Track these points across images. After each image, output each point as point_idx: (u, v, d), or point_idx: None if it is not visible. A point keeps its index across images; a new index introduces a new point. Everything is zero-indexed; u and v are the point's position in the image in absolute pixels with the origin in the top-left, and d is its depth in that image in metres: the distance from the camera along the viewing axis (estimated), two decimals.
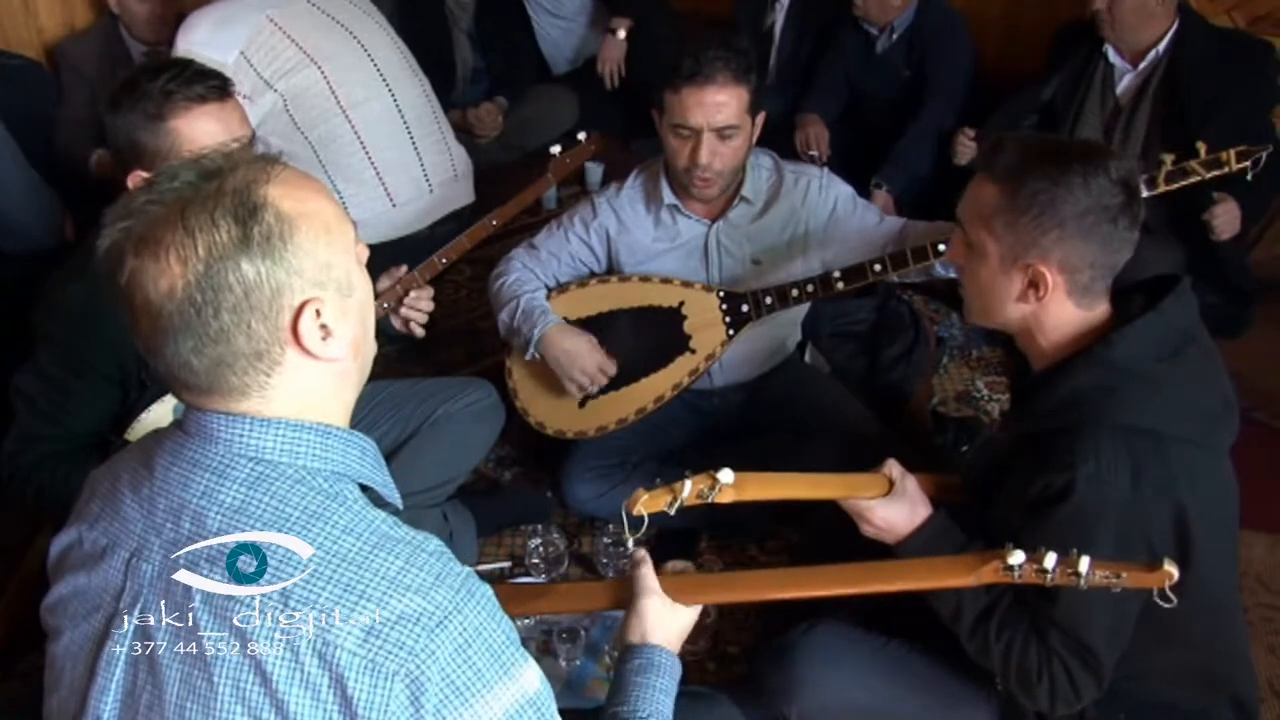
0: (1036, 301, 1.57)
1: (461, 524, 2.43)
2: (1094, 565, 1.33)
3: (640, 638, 1.45)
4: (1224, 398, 1.59)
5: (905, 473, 1.72)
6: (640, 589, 1.48)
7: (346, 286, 1.08)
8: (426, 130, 3.15)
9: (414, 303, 2.17)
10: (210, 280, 0.99)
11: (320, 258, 1.04)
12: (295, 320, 1.03)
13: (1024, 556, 1.36)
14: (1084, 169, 1.50)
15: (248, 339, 1.01)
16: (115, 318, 1.79)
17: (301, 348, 1.04)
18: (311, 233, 1.04)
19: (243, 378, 1.03)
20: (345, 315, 1.07)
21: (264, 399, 1.05)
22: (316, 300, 1.04)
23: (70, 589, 1.14)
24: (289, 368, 1.05)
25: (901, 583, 1.52)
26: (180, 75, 1.80)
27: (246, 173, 1.03)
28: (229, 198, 1.00)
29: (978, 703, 1.73)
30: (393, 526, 1.05)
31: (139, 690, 1.07)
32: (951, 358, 3.16)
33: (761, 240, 2.44)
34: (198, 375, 1.03)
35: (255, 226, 1.00)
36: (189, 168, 1.03)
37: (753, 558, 2.50)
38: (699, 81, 2.20)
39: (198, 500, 1.05)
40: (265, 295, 1.01)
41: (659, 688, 1.39)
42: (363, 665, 0.98)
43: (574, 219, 2.52)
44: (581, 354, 2.41)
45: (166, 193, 1.01)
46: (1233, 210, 2.77)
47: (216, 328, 1.00)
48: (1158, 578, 1.33)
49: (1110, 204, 1.51)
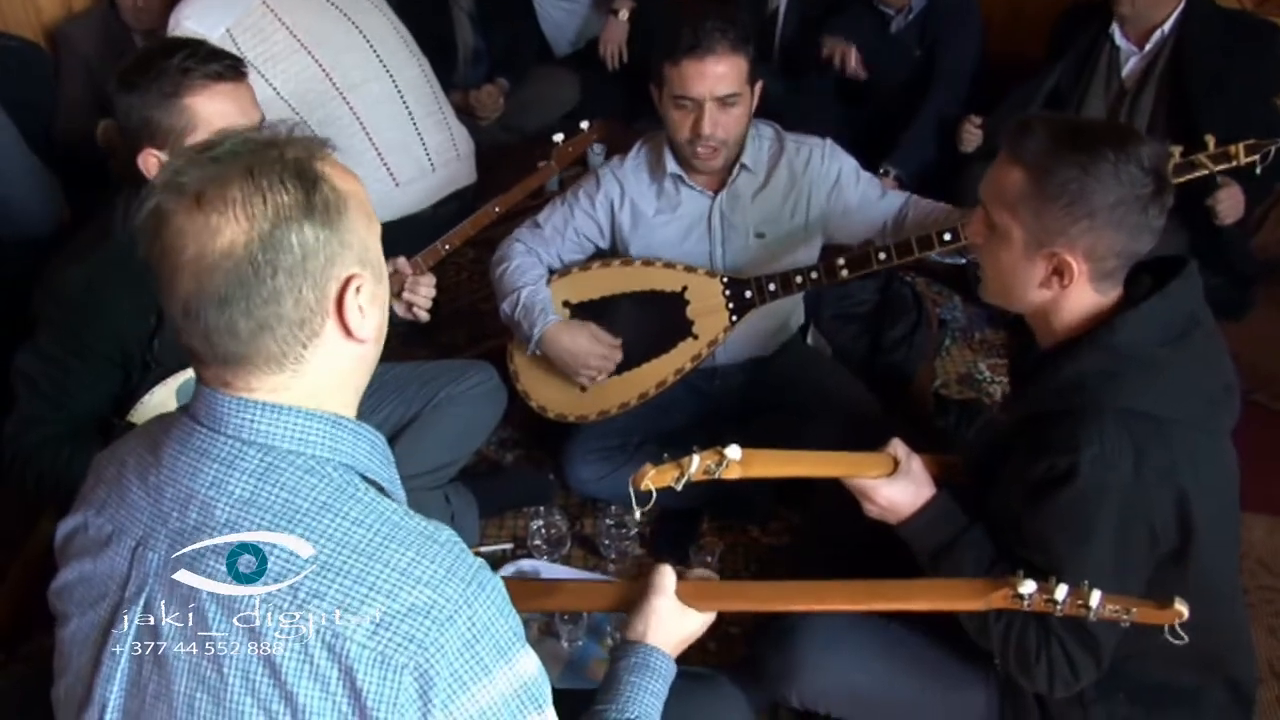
0: (1060, 289, 1.55)
1: (464, 506, 2.43)
2: (1104, 600, 1.33)
3: (640, 635, 1.45)
4: (1225, 381, 1.59)
5: (910, 453, 1.71)
6: (655, 587, 1.48)
7: (380, 271, 1.10)
8: (427, 110, 3.15)
9: (414, 288, 2.17)
10: (274, 239, 1.00)
11: (363, 237, 1.07)
12: (342, 292, 1.04)
13: (1035, 586, 1.37)
14: (1116, 156, 1.46)
15: (295, 304, 1.02)
16: (118, 299, 1.83)
17: (342, 322, 1.05)
18: (359, 212, 1.07)
19: (282, 345, 1.03)
20: (376, 299, 1.09)
21: (296, 373, 1.05)
22: (360, 277, 1.05)
23: (76, 574, 1.15)
24: (325, 341, 1.05)
25: (915, 603, 1.52)
26: (195, 54, 1.81)
27: (302, 147, 1.05)
28: (292, 165, 1.02)
29: (977, 685, 1.73)
30: (404, 516, 1.05)
31: (145, 679, 1.07)
32: (954, 340, 3.16)
33: (764, 211, 2.43)
34: (239, 340, 1.02)
35: (316, 195, 1.02)
36: (244, 135, 1.05)
37: (755, 539, 2.51)
38: (699, 53, 2.20)
39: (206, 490, 1.05)
40: (320, 262, 1.02)
41: (649, 690, 1.38)
42: (372, 658, 0.98)
43: (578, 193, 2.52)
44: (584, 351, 2.41)
45: (225, 155, 1.02)
46: (1236, 195, 2.76)
47: (271, 288, 1.00)
48: (1168, 615, 1.33)
49: (1142, 193, 1.47)
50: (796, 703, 1.82)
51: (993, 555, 1.62)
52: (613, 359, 2.44)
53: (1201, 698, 1.67)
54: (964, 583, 1.51)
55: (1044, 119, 1.55)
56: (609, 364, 2.43)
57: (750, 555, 2.47)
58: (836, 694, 1.79)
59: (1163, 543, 1.52)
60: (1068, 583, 1.34)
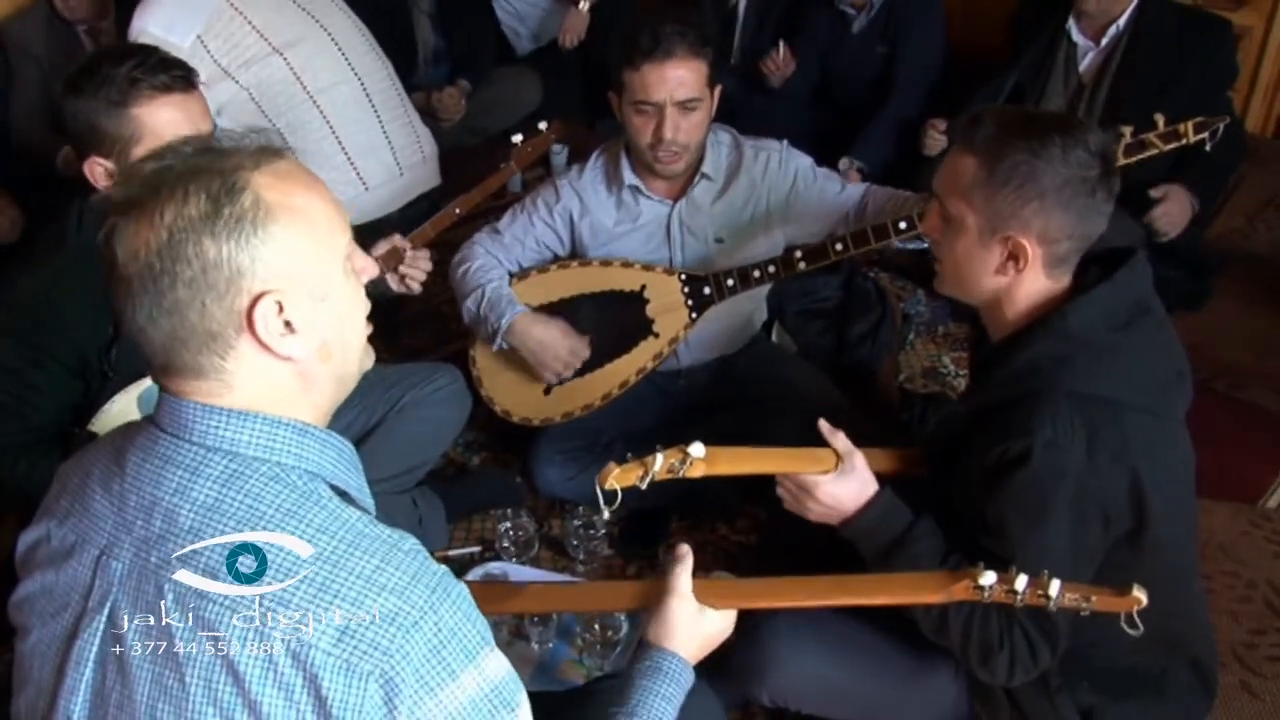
0: (1016, 273, 1.58)
1: (431, 509, 2.42)
2: (1064, 588, 1.34)
3: (656, 638, 1.41)
4: (1177, 367, 1.62)
5: (853, 449, 1.69)
6: (669, 588, 1.43)
7: (321, 291, 1.06)
8: (394, 113, 3.13)
9: (414, 262, 2.17)
10: (171, 250, 0.99)
11: (294, 253, 1.03)
12: (251, 308, 1.02)
13: (995, 577, 1.37)
14: (1063, 140, 1.51)
15: (201, 317, 1.01)
16: (75, 308, 1.81)
17: (255, 338, 1.03)
18: (291, 226, 1.03)
19: (196, 356, 1.02)
20: (315, 318, 1.06)
21: (222, 383, 1.04)
22: (278, 293, 1.02)
23: (38, 586, 1.13)
24: (244, 356, 1.04)
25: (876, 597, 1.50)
26: (145, 63, 1.77)
27: (242, 157, 1.03)
28: (214, 176, 1.00)
29: (947, 676, 1.74)
30: (368, 525, 1.04)
31: (109, 690, 1.06)
32: (918, 334, 3.18)
33: (724, 217, 2.44)
34: (154, 347, 1.03)
35: (228, 207, 1.00)
36: (196, 145, 1.04)
37: (723, 537, 2.51)
38: (658, 57, 2.19)
39: (170, 497, 1.04)
40: (223, 276, 1.00)
41: (663, 694, 1.35)
42: (337, 665, 0.97)
43: (537, 203, 2.51)
44: (554, 342, 2.41)
45: (163, 167, 1.02)
46: (1173, 210, 2.77)
47: (172, 299, 1.00)
48: (1126, 602, 1.34)
49: (1089, 175, 1.52)
50: (767, 700, 1.81)
51: (945, 548, 1.62)
52: (580, 353, 2.43)
53: (1165, 681, 1.69)
54: (925, 575, 1.52)
55: (994, 110, 1.60)
56: (576, 359, 2.43)
57: (719, 553, 2.47)
58: (807, 690, 1.79)
59: (1117, 525, 1.54)
60: (1026, 571, 1.35)
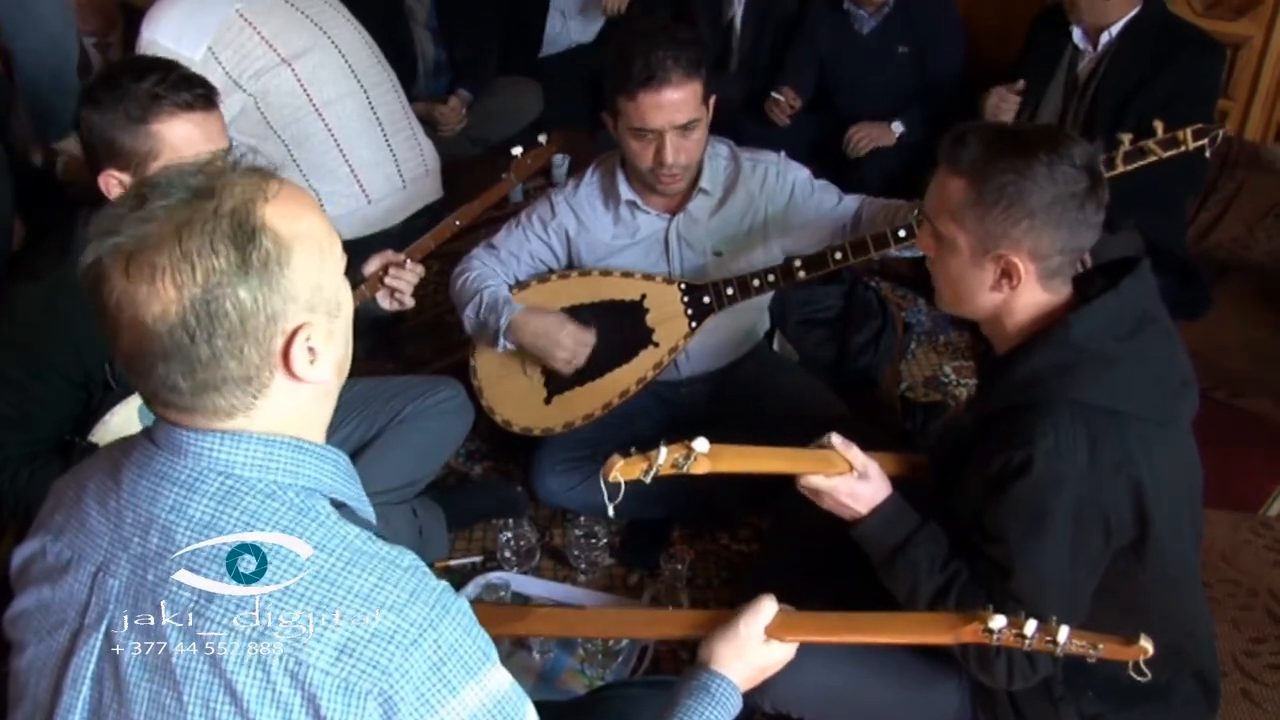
0: (1010, 290, 1.59)
1: (432, 519, 2.42)
2: (1072, 635, 1.34)
3: (708, 657, 1.41)
4: (1182, 376, 1.62)
5: (868, 460, 1.71)
6: (752, 611, 1.43)
7: (335, 307, 1.06)
8: (398, 126, 3.14)
9: (396, 275, 2.15)
10: (207, 307, 0.96)
11: (313, 280, 1.03)
12: (288, 345, 1.02)
13: (1005, 621, 1.37)
14: (1049, 157, 1.51)
15: (239, 364, 1.00)
16: (78, 320, 1.80)
17: (290, 372, 1.03)
18: (306, 255, 1.02)
19: (229, 399, 1.02)
20: (331, 337, 1.06)
21: (248, 419, 1.04)
22: (308, 325, 1.02)
23: (34, 602, 1.12)
24: (275, 390, 1.03)
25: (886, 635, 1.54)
26: (167, 79, 1.76)
27: (244, 191, 1.00)
28: (227, 220, 0.97)
29: (949, 685, 1.74)
30: (366, 542, 1.04)
31: (105, 708, 1.05)
32: (919, 343, 3.18)
33: (722, 231, 2.44)
34: (182, 396, 1.01)
35: (254, 252, 0.98)
36: (182, 182, 1.00)
37: (725, 546, 2.51)
38: (654, 85, 2.17)
39: (166, 515, 1.03)
40: (260, 321, 0.99)
41: (704, 716, 1.35)
42: (336, 685, 0.97)
43: (532, 218, 2.51)
44: (555, 328, 2.39)
45: (159, 210, 0.97)
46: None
47: (209, 353, 0.98)
48: (1133, 652, 1.34)
49: (1076, 190, 1.52)
50: (769, 708, 1.81)
51: (946, 554, 1.64)
52: (585, 340, 2.41)
53: (1169, 691, 1.69)
54: (935, 616, 1.53)
55: (977, 128, 1.60)
56: (583, 345, 2.41)
57: (721, 563, 2.47)
58: (808, 698, 1.79)
59: (1119, 535, 1.54)
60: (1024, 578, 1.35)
